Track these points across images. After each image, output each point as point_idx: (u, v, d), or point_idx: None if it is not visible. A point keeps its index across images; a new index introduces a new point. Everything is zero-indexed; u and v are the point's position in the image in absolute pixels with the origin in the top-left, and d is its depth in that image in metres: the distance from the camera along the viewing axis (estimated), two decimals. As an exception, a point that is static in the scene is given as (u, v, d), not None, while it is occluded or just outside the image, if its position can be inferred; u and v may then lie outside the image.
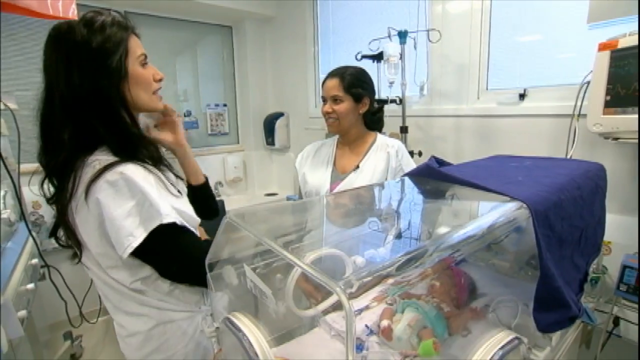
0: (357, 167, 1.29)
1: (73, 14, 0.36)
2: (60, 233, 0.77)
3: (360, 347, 0.75)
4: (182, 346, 0.79)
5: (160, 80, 0.78)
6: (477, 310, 0.80)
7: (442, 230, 0.57)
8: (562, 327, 0.64)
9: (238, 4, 2.63)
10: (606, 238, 1.28)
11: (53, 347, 2.00)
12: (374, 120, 1.35)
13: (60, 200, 0.69)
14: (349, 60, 2.25)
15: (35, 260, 1.62)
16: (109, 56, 0.68)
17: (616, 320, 1.29)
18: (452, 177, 0.69)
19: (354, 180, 1.28)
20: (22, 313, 1.06)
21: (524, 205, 0.59)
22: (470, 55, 1.73)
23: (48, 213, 2.23)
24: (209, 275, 0.70)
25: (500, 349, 0.53)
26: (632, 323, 1.23)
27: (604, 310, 1.26)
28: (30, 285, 1.26)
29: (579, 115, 1.32)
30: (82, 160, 0.68)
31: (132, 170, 0.67)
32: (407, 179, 0.80)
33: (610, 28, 1.25)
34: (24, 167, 1.51)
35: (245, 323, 0.56)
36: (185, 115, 2.79)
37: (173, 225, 0.68)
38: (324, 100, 1.29)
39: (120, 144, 0.71)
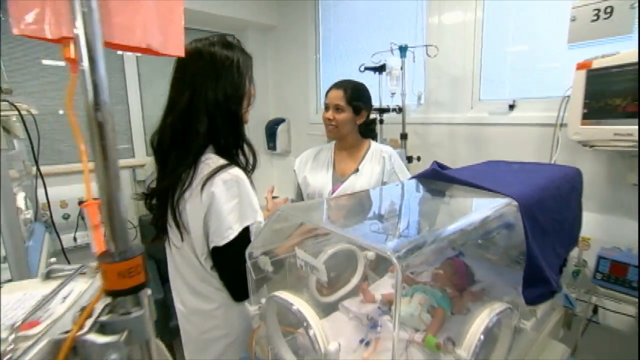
0: (357, 170, 1.45)
1: (181, 51, 0.49)
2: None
3: (374, 325, 0.89)
4: (237, 325, 0.94)
5: (253, 95, 0.97)
6: (476, 294, 0.95)
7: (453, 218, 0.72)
8: (545, 300, 0.79)
9: (241, 14, 2.77)
10: (585, 235, 1.47)
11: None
12: (367, 130, 1.52)
13: (174, 189, 0.86)
14: (349, 68, 2.43)
15: (53, 259, 1.72)
16: (244, 74, 0.89)
17: (595, 309, 1.47)
18: (455, 179, 0.85)
19: (354, 182, 1.43)
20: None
21: (514, 201, 0.74)
22: (464, 67, 1.91)
23: (57, 214, 2.32)
24: (248, 262, 0.84)
25: (496, 314, 0.68)
26: (610, 311, 1.40)
27: (584, 299, 1.44)
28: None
29: (561, 125, 1.50)
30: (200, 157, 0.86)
31: (240, 174, 0.85)
32: (415, 181, 0.96)
33: (588, 48, 1.44)
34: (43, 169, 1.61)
35: (290, 297, 0.70)
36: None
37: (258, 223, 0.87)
38: (327, 107, 1.44)
39: (236, 145, 0.90)
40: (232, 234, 0.85)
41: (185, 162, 0.87)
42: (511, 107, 1.76)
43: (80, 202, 2.46)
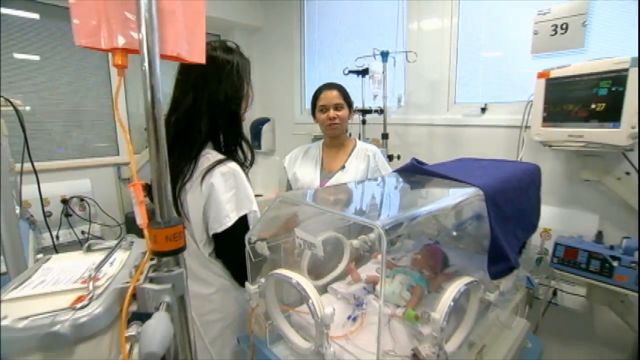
0: (343, 167, 1.56)
1: (203, 58, 0.57)
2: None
3: (360, 303, 1.00)
4: (234, 309, 1.02)
5: (251, 97, 1.05)
6: (449, 275, 1.08)
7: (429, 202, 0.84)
8: (506, 274, 0.93)
9: (227, 15, 2.83)
10: (547, 226, 1.65)
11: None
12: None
13: (176, 181, 0.93)
14: (333, 70, 2.55)
15: (40, 255, 1.73)
16: (243, 77, 0.97)
17: (555, 292, 1.64)
18: (431, 172, 0.97)
19: (340, 178, 1.55)
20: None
21: (480, 191, 0.87)
22: (441, 72, 2.06)
23: (37, 212, 2.30)
24: (248, 247, 0.93)
25: (464, 285, 0.80)
26: (567, 293, 1.57)
27: (545, 284, 1.61)
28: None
29: (526, 127, 1.67)
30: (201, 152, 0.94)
31: (237, 168, 0.94)
32: (396, 174, 1.08)
33: (553, 59, 1.60)
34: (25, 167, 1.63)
35: (288, 272, 0.80)
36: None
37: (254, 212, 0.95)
38: (324, 109, 1.54)
39: (235, 142, 0.98)
40: (230, 221, 0.94)
41: (188, 156, 0.96)
42: (483, 110, 1.93)
43: (63, 200, 2.46)
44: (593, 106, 1.29)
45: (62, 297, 0.40)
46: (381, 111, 2.01)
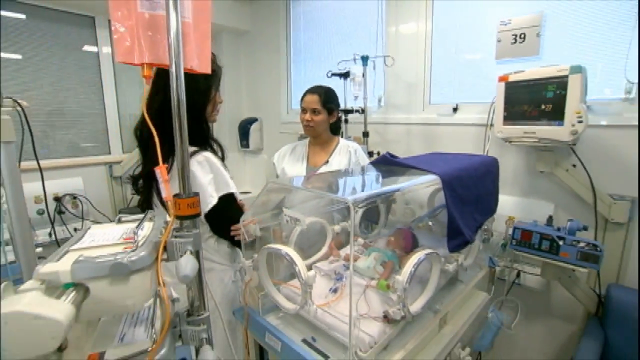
0: (327, 161, 1.74)
1: (209, 69, 0.72)
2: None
3: (339, 277, 1.17)
4: (220, 289, 1.18)
5: (220, 102, 1.19)
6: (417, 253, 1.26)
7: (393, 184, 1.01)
8: (461, 248, 1.11)
9: (216, 18, 2.97)
10: (509, 214, 1.85)
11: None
12: (335, 127, 1.83)
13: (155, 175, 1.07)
14: (318, 72, 2.72)
15: (39, 249, 1.83)
16: (210, 84, 1.10)
17: (518, 274, 1.85)
18: (399, 162, 1.15)
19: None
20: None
21: (438, 177, 1.05)
22: (416, 74, 2.26)
23: (31, 210, 2.39)
24: (243, 228, 1.09)
25: (425, 254, 0.97)
26: (529, 273, 1.77)
27: (509, 266, 1.81)
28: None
29: (490, 125, 1.87)
30: None
31: (211, 156, 1.09)
32: (370, 165, 1.25)
33: (517, 64, 1.80)
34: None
35: (279, 246, 0.96)
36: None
37: (232, 194, 1.08)
38: (304, 110, 1.71)
39: (202, 139, 1.12)
40: (213, 201, 1.09)
41: (162, 152, 1.10)
42: (455, 110, 2.13)
43: (56, 198, 2.55)
44: (542, 107, 1.49)
45: (113, 248, 0.56)
46: (362, 111, 2.18)
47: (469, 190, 1.18)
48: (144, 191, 1.17)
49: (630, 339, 1.43)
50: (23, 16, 2.41)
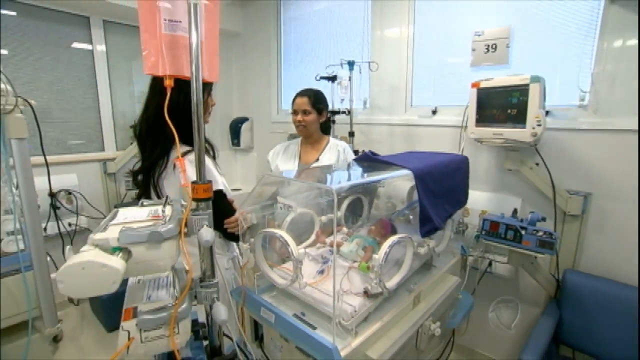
0: (318, 159, 1.90)
1: (217, 78, 0.87)
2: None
3: (326, 261, 1.33)
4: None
5: (213, 105, 1.32)
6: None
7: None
8: (431, 233, 1.28)
9: (208, 21, 3.09)
10: (481, 208, 2.05)
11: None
12: (326, 127, 2.00)
13: (153, 171, 1.20)
14: (307, 75, 2.88)
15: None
16: (205, 89, 1.22)
17: (490, 263, 2.05)
18: (378, 159, 1.32)
19: None
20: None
21: (411, 172, 1.23)
22: (399, 78, 2.44)
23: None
24: (240, 218, 1.24)
25: (399, 238, 1.14)
26: (499, 262, 1.97)
27: (482, 256, 2.01)
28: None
29: (465, 127, 2.06)
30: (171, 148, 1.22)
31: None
32: (354, 162, 1.43)
33: (486, 71, 2.00)
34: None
35: (273, 230, 1.11)
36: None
37: (221, 191, 1.22)
38: (295, 112, 1.87)
39: (178, 139, 1.26)
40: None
41: (157, 151, 1.23)
42: (434, 112, 2.32)
43: (51, 194, 2.64)
44: (509, 111, 1.69)
45: (145, 223, 0.71)
46: (348, 112, 2.35)
47: (440, 184, 1.36)
48: (143, 185, 1.31)
49: (580, 316, 1.64)
50: (14, 13, 2.49)
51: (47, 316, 1.59)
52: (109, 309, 2.56)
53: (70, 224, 2.70)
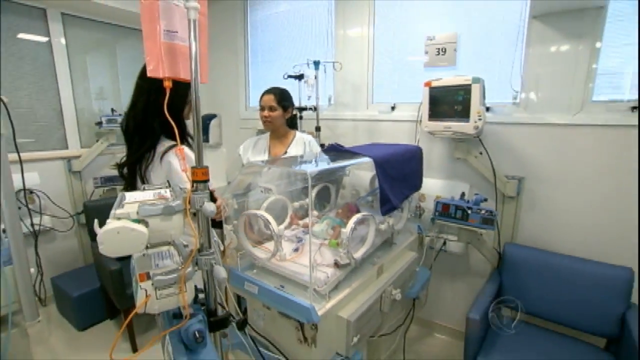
0: (286, 152, 2.09)
1: (206, 79, 1.02)
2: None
3: (300, 240, 1.53)
4: None
5: None
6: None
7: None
8: (390, 212, 1.52)
9: (173, 17, 3.15)
10: (436, 193, 2.33)
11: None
12: (292, 123, 2.19)
13: (140, 164, 1.32)
14: (274, 73, 3.04)
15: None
16: (188, 88, 1.35)
17: (444, 243, 2.34)
18: (343, 149, 1.54)
19: None
20: None
21: (371, 160, 1.45)
22: (361, 76, 2.67)
23: None
24: (223, 204, 1.40)
25: (362, 215, 1.36)
26: (452, 241, 2.27)
27: (437, 236, 2.29)
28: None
29: (420, 121, 2.34)
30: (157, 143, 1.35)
31: (187, 149, 1.36)
32: (322, 152, 1.63)
33: (438, 71, 2.28)
34: None
35: (255, 211, 1.29)
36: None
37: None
38: (262, 108, 2.04)
39: (180, 134, 1.39)
40: (188, 185, 1.37)
41: (148, 146, 1.37)
42: (393, 108, 2.58)
43: (29, 191, 2.60)
44: (455, 107, 1.97)
45: (154, 202, 0.86)
46: (314, 109, 2.56)
47: (397, 170, 1.61)
48: (129, 177, 1.43)
49: (515, 280, 1.97)
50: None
51: (27, 310, 1.65)
52: (79, 309, 2.59)
53: (33, 224, 2.67)
